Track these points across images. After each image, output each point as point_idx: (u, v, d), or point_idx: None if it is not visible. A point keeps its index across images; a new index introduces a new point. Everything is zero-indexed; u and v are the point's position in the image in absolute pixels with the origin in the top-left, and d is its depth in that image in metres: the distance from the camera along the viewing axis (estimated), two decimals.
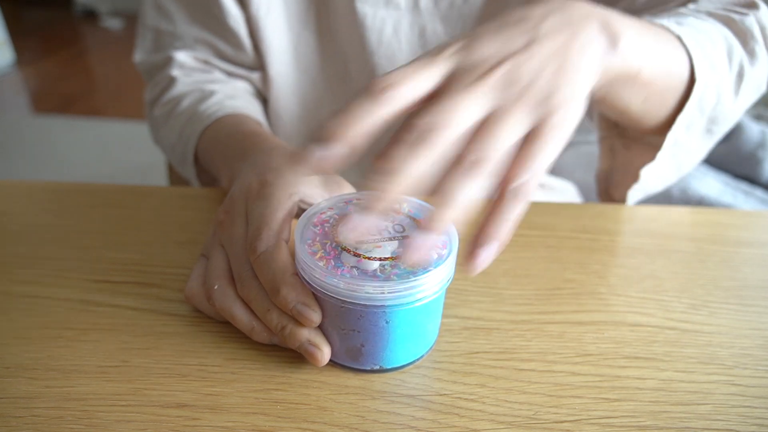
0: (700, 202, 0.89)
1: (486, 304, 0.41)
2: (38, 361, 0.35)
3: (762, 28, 0.46)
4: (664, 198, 0.92)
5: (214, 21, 0.61)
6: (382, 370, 0.35)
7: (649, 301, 0.43)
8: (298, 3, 0.61)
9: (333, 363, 0.36)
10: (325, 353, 0.34)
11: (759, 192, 0.94)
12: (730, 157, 1.03)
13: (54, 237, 0.47)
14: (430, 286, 0.33)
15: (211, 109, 0.57)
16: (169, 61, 0.62)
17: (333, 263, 0.33)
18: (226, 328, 0.38)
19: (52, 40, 3.30)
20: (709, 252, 0.49)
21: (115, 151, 2.10)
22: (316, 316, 0.33)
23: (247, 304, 0.35)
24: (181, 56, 0.62)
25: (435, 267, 0.33)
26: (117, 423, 0.31)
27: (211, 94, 0.59)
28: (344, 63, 0.64)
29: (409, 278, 0.32)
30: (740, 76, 0.45)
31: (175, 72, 0.62)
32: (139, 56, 0.66)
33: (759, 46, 0.45)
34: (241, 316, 0.35)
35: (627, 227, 0.52)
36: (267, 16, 0.60)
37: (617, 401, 0.34)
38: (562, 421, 0.32)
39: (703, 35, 0.42)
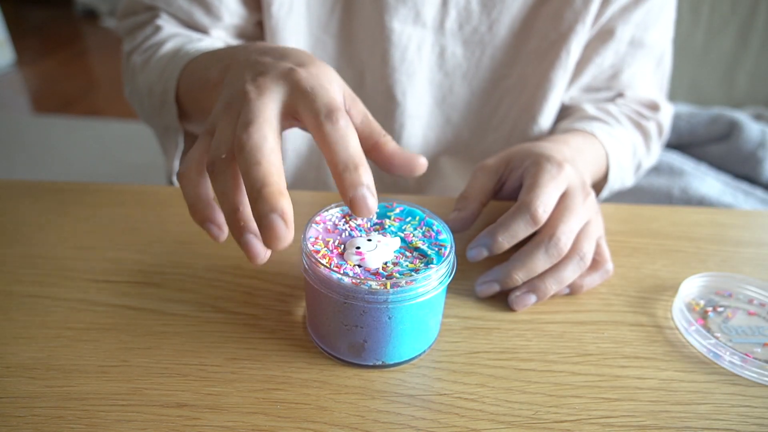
0: (700, 202, 0.89)
1: (486, 304, 0.41)
2: (39, 360, 0.35)
3: (659, 127, 0.66)
4: (664, 198, 0.92)
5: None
6: (384, 366, 0.35)
7: (649, 301, 0.43)
8: (321, 6, 0.61)
9: (335, 359, 0.36)
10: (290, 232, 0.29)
11: (759, 192, 0.94)
12: (730, 157, 1.03)
13: (54, 237, 0.47)
14: (432, 281, 0.33)
15: (201, 45, 0.54)
16: (155, 17, 0.59)
17: (336, 260, 0.33)
18: (226, 328, 0.38)
19: (52, 40, 3.30)
20: (709, 252, 0.49)
21: (115, 151, 2.11)
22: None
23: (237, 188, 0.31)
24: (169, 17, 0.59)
25: (436, 263, 0.33)
26: (117, 423, 0.31)
27: (199, 40, 0.57)
28: (361, 72, 0.64)
29: (411, 274, 0.32)
30: (638, 167, 0.67)
31: (161, 22, 0.59)
32: (121, 16, 0.63)
33: (654, 143, 0.67)
34: (232, 195, 0.31)
35: (627, 227, 0.52)
36: (288, 16, 0.59)
37: (617, 401, 0.34)
38: (562, 421, 0.32)
39: (620, 144, 0.61)
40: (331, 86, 0.34)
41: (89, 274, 0.43)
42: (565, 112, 0.67)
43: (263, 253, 0.30)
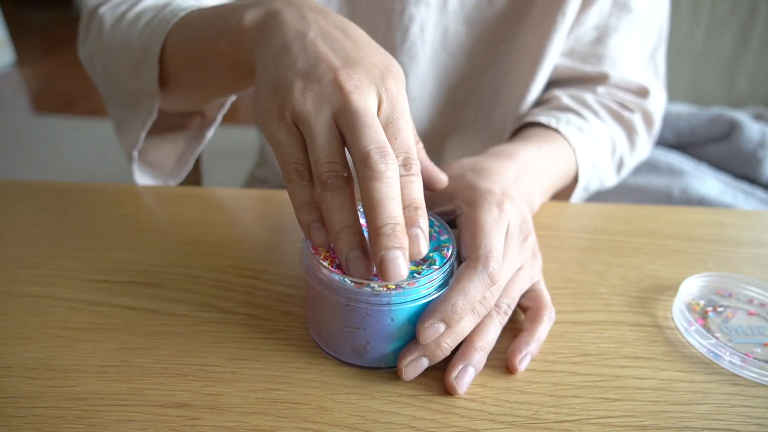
0: (700, 202, 0.89)
1: None
2: (38, 360, 0.35)
3: (646, 116, 0.63)
4: (664, 198, 0.92)
5: None
6: (387, 368, 0.35)
7: (649, 301, 0.43)
8: None
9: (338, 361, 0.36)
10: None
11: (759, 192, 0.94)
12: (730, 157, 1.03)
13: (54, 237, 0.47)
14: (434, 283, 0.33)
15: (192, 2, 0.49)
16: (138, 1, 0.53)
17: (338, 261, 0.33)
18: (226, 328, 0.38)
19: (52, 40, 3.30)
20: (709, 252, 0.49)
21: (115, 151, 2.10)
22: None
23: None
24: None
25: (439, 264, 0.33)
26: (117, 423, 0.31)
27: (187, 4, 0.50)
28: None
29: (413, 276, 0.32)
30: (620, 164, 0.63)
31: None
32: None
33: (640, 138, 0.63)
34: (351, 210, 0.31)
35: (627, 227, 0.52)
36: None
37: (617, 401, 0.34)
38: (562, 421, 0.32)
39: (594, 141, 0.58)
40: (408, 117, 0.33)
41: (89, 274, 0.43)
42: (541, 99, 0.64)
43: (368, 274, 0.31)
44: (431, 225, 0.37)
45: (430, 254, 0.35)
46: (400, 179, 0.31)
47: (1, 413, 0.31)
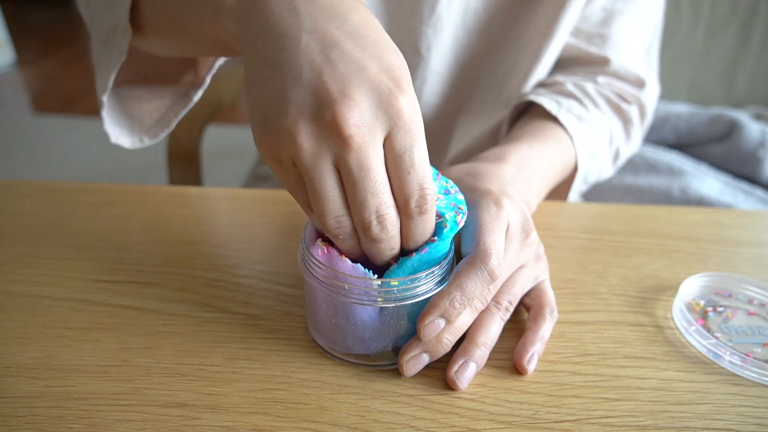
0: (700, 202, 0.89)
1: None
2: (38, 360, 0.35)
3: (642, 109, 0.63)
4: (664, 198, 0.92)
5: None
6: (388, 365, 0.35)
7: (649, 301, 0.43)
8: None
9: (338, 360, 0.36)
10: None
11: (759, 192, 0.94)
12: (730, 157, 1.03)
13: (54, 237, 0.47)
14: (435, 278, 0.33)
15: None
16: None
17: (337, 259, 0.33)
18: (226, 328, 0.38)
19: (52, 40, 3.30)
20: (709, 252, 0.49)
21: (115, 151, 2.10)
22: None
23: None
24: None
25: (450, 227, 0.33)
26: (117, 422, 0.31)
27: None
28: (387, 23, 0.61)
29: (415, 273, 0.32)
30: (616, 155, 0.64)
31: None
32: None
33: (635, 129, 0.64)
34: (358, 252, 0.33)
35: (627, 227, 0.52)
36: None
37: (617, 401, 0.34)
38: (562, 421, 0.32)
39: (592, 129, 0.58)
40: (423, 138, 0.30)
41: (89, 274, 0.43)
42: (544, 82, 0.64)
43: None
44: (446, 180, 0.37)
45: (446, 214, 0.34)
46: (412, 221, 0.31)
47: (1, 413, 0.31)
